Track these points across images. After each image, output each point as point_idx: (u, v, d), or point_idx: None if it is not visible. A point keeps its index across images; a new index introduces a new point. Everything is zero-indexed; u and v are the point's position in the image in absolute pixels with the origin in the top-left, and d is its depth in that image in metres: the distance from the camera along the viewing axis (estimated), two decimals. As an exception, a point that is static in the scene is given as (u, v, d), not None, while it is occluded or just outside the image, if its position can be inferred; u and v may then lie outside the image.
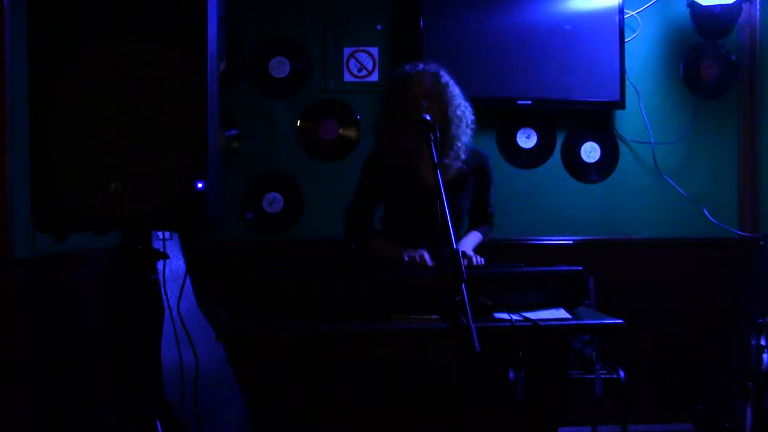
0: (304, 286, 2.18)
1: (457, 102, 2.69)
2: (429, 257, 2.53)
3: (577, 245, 3.75)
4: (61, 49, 1.84)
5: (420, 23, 3.57)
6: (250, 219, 3.68)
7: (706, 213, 3.77)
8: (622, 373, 3.30)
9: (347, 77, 3.70)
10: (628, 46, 3.69)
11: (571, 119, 3.78)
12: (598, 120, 3.79)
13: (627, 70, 3.68)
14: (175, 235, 2.93)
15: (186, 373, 2.32)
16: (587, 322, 2.21)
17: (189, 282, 2.96)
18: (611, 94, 3.66)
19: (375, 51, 3.69)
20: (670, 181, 3.78)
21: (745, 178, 3.83)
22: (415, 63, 2.73)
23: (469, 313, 1.70)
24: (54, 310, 2.55)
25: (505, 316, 2.10)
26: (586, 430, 3.51)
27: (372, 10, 3.69)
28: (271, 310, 2.16)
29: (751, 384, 2.77)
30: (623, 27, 3.65)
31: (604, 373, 3.33)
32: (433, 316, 2.13)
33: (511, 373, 2.39)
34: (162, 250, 2.02)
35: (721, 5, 3.74)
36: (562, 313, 2.19)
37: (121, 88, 1.84)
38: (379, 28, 3.70)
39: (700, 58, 3.81)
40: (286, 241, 3.68)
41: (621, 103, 3.68)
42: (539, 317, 2.11)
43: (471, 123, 2.73)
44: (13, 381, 2.31)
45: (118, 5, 1.84)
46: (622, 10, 3.65)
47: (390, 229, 2.85)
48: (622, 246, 3.78)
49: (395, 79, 2.74)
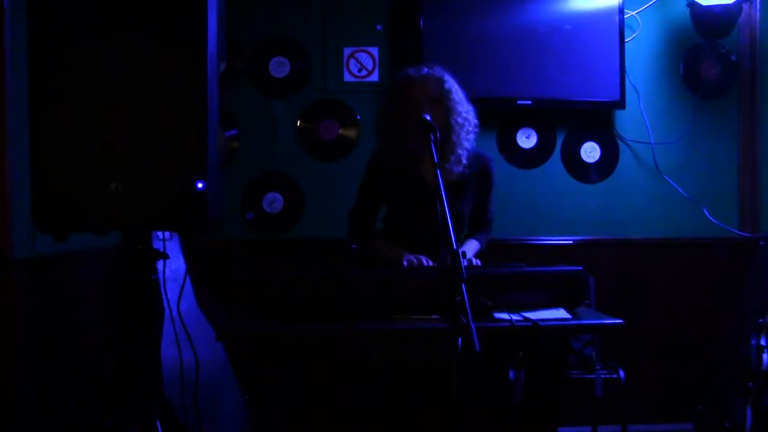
0: (304, 286, 2.17)
1: (460, 109, 2.67)
2: (429, 262, 2.53)
3: (577, 245, 3.75)
4: (60, 49, 1.83)
5: (420, 23, 3.57)
6: (250, 219, 3.68)
7: (706, 213, 3.77)
8: (622, 373, 3.30)
9: (347, 77, 3.70)
10: (628, 46, 3.69)
11: (571, 119, 3.78)
12: (598, 120, 3.79)
13: (627, 70, 3.68)
14: (175, 235, 2.93)
15: (186, 373, 2.32)
16: (587, 322, 2.21)
17: (189, 282, 2.96)
18: (611, 94, 3.66)
19: (375, 51, 3.69)
20: (670, 181, 3.78)
21: (745, 178, 3.83)
22: (419, 67, 2.71)
23: (469, 313, 1.70)
24: (54, 310, 2.55)
25: (505, 316, 2.10)
26: (586, 430, 3.51)
27: (372, 10, 3.69)
28: (271, 310, 2.16)
29: (751, 384, 2.76)
30: (623, 27, 3.65)
31: (604, 373, 3.33)
32: (433, 316, 2.13)
33: (511, 373, 2.39)
34: (162, 250, 2.01)
35: (721, 5, 3.74)
36: (562, 313, 2.19)
37: (121, 88, 1.83)
38: (378, 28, 3.70)
39: (700, 58, 3.80)
40: (286, 241, 3.68)
41: (621, 103, 3.68)
42: (539, 317, 2.11)
43: (474, 128, 2.72)
44: (13, 381, 2.31)
45: (118, 5, 1.84)
46: (622, 10, 3.65)
47: (392, 229, 2.85)
48: (622, 246, 3.78)
49: (398, 81, 2.72)
